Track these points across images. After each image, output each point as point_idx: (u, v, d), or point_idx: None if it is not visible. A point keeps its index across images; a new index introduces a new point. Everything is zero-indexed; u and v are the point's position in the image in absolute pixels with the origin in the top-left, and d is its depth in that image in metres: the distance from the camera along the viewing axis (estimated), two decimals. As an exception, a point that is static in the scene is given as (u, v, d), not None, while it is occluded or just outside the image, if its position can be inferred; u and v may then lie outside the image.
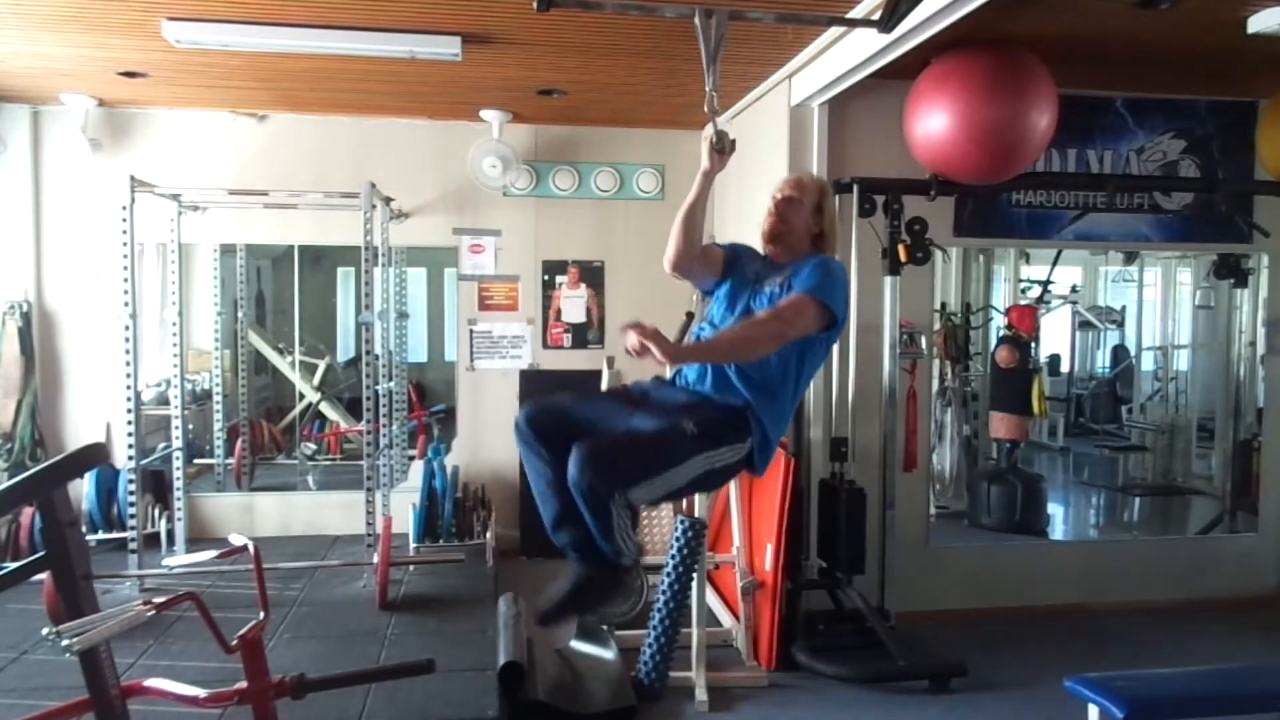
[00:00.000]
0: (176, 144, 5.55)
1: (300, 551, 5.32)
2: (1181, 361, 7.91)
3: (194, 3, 3.58)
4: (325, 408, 6.95)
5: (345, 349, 7.18)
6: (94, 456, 2.73)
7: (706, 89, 2.40)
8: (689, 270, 2.63)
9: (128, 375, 4.71)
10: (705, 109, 2.39)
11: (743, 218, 5.08)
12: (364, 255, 4.84)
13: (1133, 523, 7.08)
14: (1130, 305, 8.79)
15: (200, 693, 2.63)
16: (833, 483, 4.26)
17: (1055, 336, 8.62)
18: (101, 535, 5.25)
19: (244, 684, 2.58)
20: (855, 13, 3.41)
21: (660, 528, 4.99)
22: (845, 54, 3.81)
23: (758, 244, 2.81)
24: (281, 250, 6.62)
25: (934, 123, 3.99)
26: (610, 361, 4.47)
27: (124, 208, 4.65)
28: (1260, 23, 3.43)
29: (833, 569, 4.24)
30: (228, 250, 6.24)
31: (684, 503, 4.75)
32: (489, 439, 5.92)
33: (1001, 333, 6.41)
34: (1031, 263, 7.56)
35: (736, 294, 2.68)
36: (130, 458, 4.78)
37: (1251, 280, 5.29)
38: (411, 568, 5.06)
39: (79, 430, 5.58)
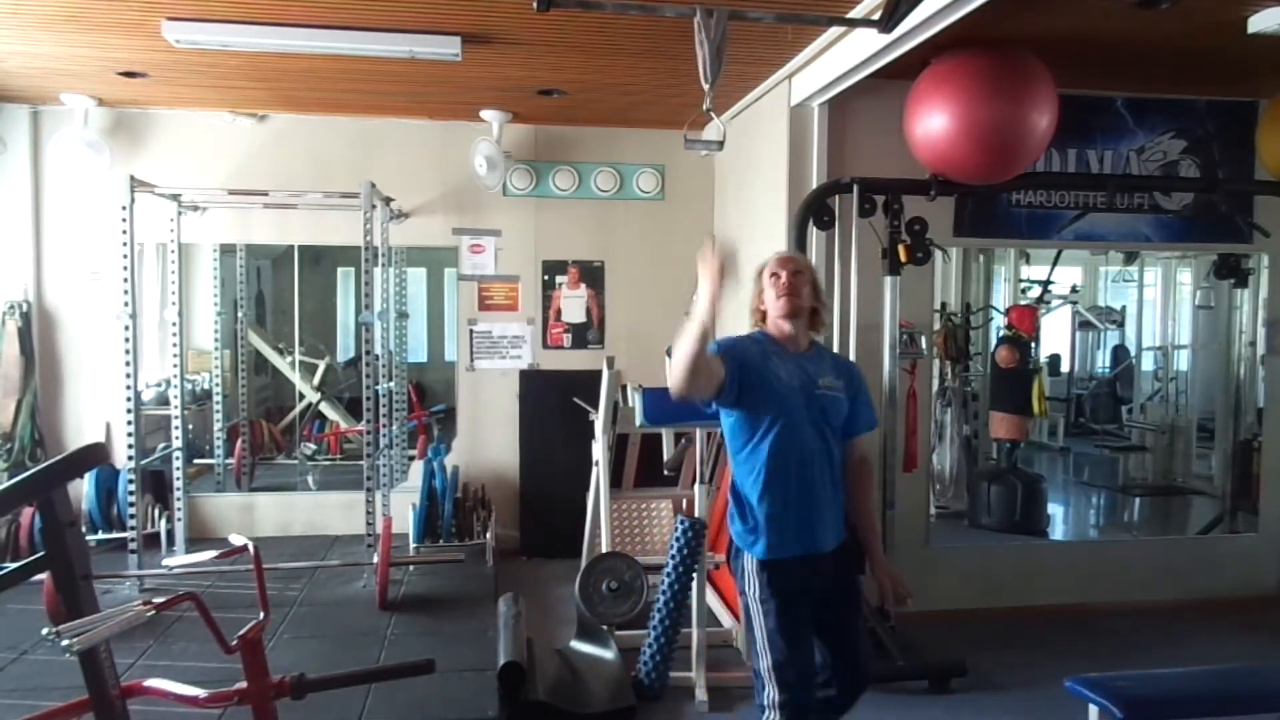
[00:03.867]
0: (176, 144, 5.55)
1: (300, 552, 5.32)
2: (1181, 361, 7.91)
3: (194, 3, 3.58)
4: (325, 408, 6.94)
5: (345, 349, 7.17)
6: (94, 456, 2.73)
7: (705, 89, 2.40)
8: (696, 391, 2.36)
9: (128, 375, 4.71)
10: (704, 109, 2.39)
11: (744, 220, 5.08)
12: (364, 255, 4.84)
13: (1133, 523, 7.08)
14: (1130, 305, 8.80)
15: (200, 693, 2.63)
16: (833, 483, 4.25)
17: (1055, 336, 8.62)
18: (101, 535, 5.24)
19: (244, 684, 2.57)
20: (855, 13, 3.41)
21: (660, 528, 4.99)
22: (845, 54, 3.81)
23: (736, 320, 2.64)
24: (281, 250, 6.61)
25: (934, 123, 3.98)
26: (610, 361, 4.46)
27: (124, 208, 4.65)
28: (1260, 23, 3.43)
29: (833, 569, 4.23)
30: (227, 250, 6.23)
31: (684, 503, 4.76)
32: (489, 439, 5.92)
33: (1001, 333, 6.41)
34: (1031, 263, 7.56)
35: (792, 398, 2.46)
36: (130, 458, 4.78)
37: (1251, 280, 5.29)
38: (411, 568, 5.05)
39: (79, 430, 5.57)
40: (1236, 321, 5.58)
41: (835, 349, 4.39)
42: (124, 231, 4.65)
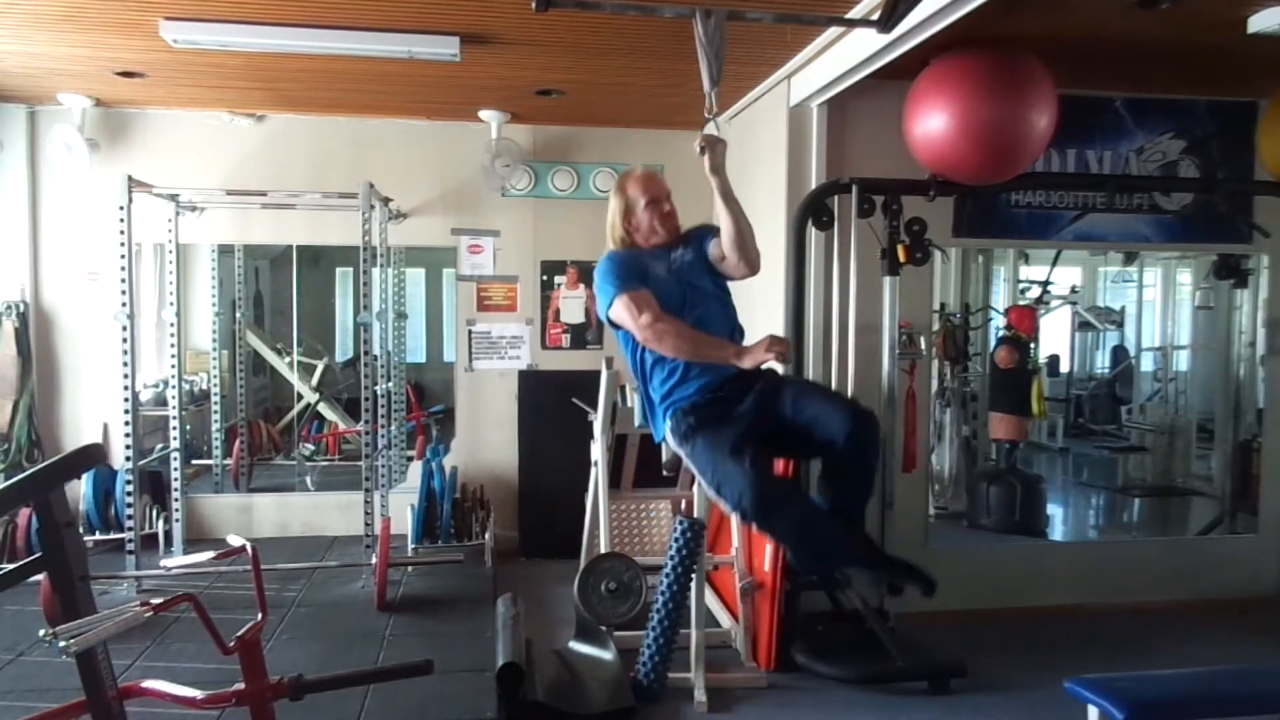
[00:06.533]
0: (174, 144, 5.53)
1: (298, 552, 5.31)
2: (1181, 362, 7.91)
3: (191, 2, 3.57)
4: (323, 408, 6.94)
5: (344, 349, 7.17)
6: (91, 457, 2.72)
7: (705, 89, 2.40)
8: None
9: (125, 376, 4.70)
10: (705, 110, 2.38)
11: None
12: (362, 255, 4.84)
13: (1132, 524, 7.08)
14: (1130, 306, 8.80)
15: (198, 694, 2.62)
16: (832, 483, 4.24)
17: (1055, 337, 8.63)
18: (99, 536, 5.22)
19: (242, 685, 2.56)
20: (855, 13, 3.41)
21: (659, 529, 4.99)
22: (844, 54, 3.80)
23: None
24: (280, 250, 6.61)
25: (933, 123, 3.97)
26: (609, 362, 4.46)
27: (121, 208, 4.64)
28: (1260, 23, 3.44)
29: (832, 570, 4.22)
30: (225, 250, 6.23)
31: (683, 503, 4.76)
32: (488, 439, 5.91)
33: (1001, 333, 6.41)
34: (1031, 263, 7.56)
35: (670, 291, 3.01)
36: (128, 458, 4.77)
37: (1251, 281, 5.28)
38: (410, 569, 5.05)
39: (76, 431, 5.56)
40: (1236, 322, 5.57)
41: (834, 350, 4.40)
42: (122, 232, 4.64)
